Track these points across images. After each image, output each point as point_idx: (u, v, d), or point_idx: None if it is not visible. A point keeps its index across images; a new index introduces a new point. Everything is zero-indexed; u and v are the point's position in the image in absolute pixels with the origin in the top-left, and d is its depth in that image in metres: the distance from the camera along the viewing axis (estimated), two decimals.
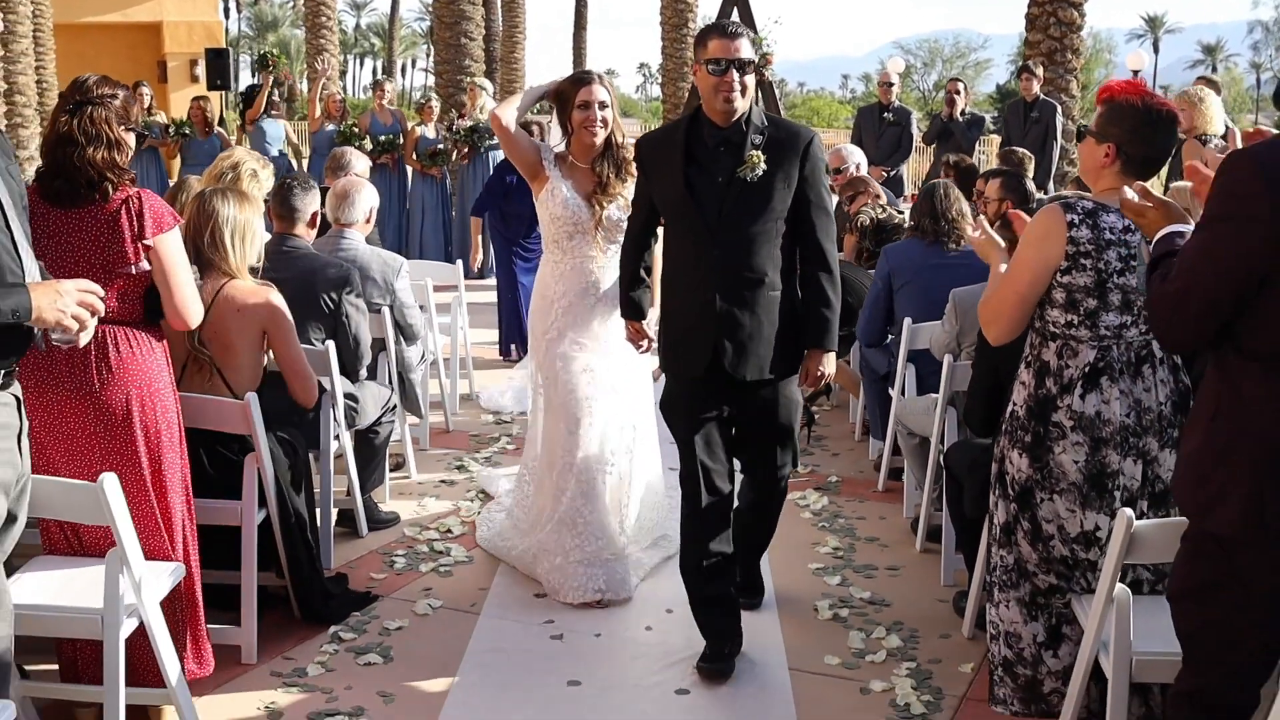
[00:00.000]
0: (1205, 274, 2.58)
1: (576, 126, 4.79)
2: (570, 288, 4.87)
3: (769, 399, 4.24)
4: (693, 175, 4.08)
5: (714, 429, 4.22)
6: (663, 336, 4.33)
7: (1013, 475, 3.44)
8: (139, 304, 3.76)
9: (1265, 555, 2.62)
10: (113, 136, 3.66)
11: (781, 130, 4.14)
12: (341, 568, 5.10)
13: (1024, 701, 3.54)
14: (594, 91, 4.75)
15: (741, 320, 4.07)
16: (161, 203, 3.76)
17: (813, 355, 4.23)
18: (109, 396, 3.68)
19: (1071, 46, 15.35)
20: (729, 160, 4.04)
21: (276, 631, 4.46)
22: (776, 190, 4.04)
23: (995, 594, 3.56)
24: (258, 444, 4.22)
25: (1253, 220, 2.48)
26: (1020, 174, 6.54)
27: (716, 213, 4.04)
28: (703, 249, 4.07)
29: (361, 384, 5.40)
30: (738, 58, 3.98)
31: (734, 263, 4.06)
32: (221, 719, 3.87)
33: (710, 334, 4.08)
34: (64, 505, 3.34)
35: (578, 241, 4.84)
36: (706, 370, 4.12)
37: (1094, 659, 3.25)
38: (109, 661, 3.34)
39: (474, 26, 17.71)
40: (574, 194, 4.80)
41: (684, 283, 4.18)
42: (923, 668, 4.27)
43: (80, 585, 3.52)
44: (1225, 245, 2.55)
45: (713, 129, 4.08)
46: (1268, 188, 2.46)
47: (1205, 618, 2.76)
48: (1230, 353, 2.63)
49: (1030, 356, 3.45)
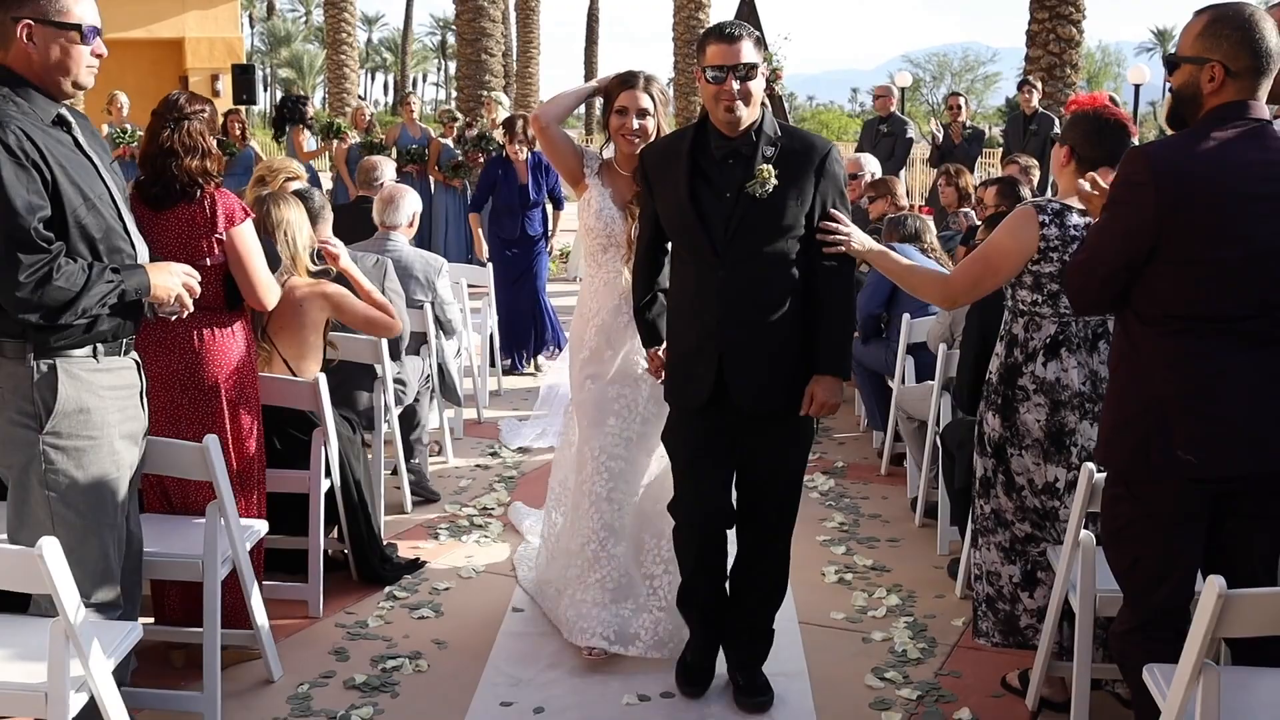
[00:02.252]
0: (1106, 248, 3.08)
1: (613, 132, 4.40)
2: (604, 304, 4.47)
3: (778, 436, 3.91)
4: (699, 189, 3.78)
5: (715, 467, 3.96)
6: (666, 362, 4.05)
7: (988, 434, 3.95)
8: (220, 292, 4.26)
9: (1159, 488, 3.09)
10: (206, 146, 4.17)
11: (796, 141, 3.82)
12: (390, 539, 5.60)
13: (1003, 634, 4.03)
14: (636, 98, 4.30)
15: (748, 348, 3.78)
16: (234, 199, 4.25)
17: (819, 380, 3.83)
18: (198, 373, 4.19)
19: (1070, 62, 15.92)
20: (738, 173, 3.75)
21: (337, 591, 4.97)
22: (789, 207, 3.73)
23: (978, 540, 4.07)
24: (325, 420, 4.73)
25: (1141, 205, 2.99)
26: (1015, 180, 7.03)
27: (723, 231, 3.74)
28: (707, 270, 3.77)
29: (401, 362, 5.91)
30: (738, 63, 3.68)
31: (741, 285, 3.75)
32: (296, 662, 4.36)
33: (714, 363, 3.79)
34: (171, 462, 3.85)
35: (611, 255, 4.45)
36: (710, 402, 3.84)
37: (1064, 598, 3.75)
38: (208, 601, 3.83)
39: (494, 43, 18.32)
40: (610, 204, 4.42)
41: (688, 306, 3.87)
42: (919, 621, 4.76)
43: (178, 536, 4.01)
44: (1121, 224, 3.05)
45: (720, 139, 3.78)
46: (1154, 179, 2.97)
47: (1133, 554, 3.22)
48: (1130, 316, 3.13)
49: (1003, 332, 3.95)
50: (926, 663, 4.42)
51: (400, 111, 14.98)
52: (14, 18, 3.18)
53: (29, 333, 3.20)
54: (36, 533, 3.15)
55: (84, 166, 3.31)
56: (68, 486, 3.29)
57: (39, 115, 3.24)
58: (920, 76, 73.08)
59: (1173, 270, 3.00)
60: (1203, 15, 3.08)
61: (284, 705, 4.05)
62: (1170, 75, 3.14)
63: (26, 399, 3.22)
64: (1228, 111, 3.03)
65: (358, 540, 5.04)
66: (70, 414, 3.26)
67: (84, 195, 3.26)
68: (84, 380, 3.29)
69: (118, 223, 3.40)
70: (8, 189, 3.06)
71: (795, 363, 3.82)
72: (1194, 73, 3.04)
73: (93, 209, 3.27)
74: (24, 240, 3.07)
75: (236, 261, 4.19)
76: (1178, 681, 2.84)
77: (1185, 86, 3.08)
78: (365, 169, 8.19)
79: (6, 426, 3.25)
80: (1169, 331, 3.04)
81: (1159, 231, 2.97)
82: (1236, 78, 3.01)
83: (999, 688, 4.18)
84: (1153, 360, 3.07)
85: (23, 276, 3.07)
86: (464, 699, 4.12)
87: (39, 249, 3.09)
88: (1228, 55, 3.00)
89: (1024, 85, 13.04)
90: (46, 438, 3.24)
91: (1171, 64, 3.12)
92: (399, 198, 6.31)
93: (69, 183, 3.21)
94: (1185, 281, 3.00)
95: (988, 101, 70.64)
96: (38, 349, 3.22)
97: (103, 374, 3.34)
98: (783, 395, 3.84)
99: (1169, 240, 2.98)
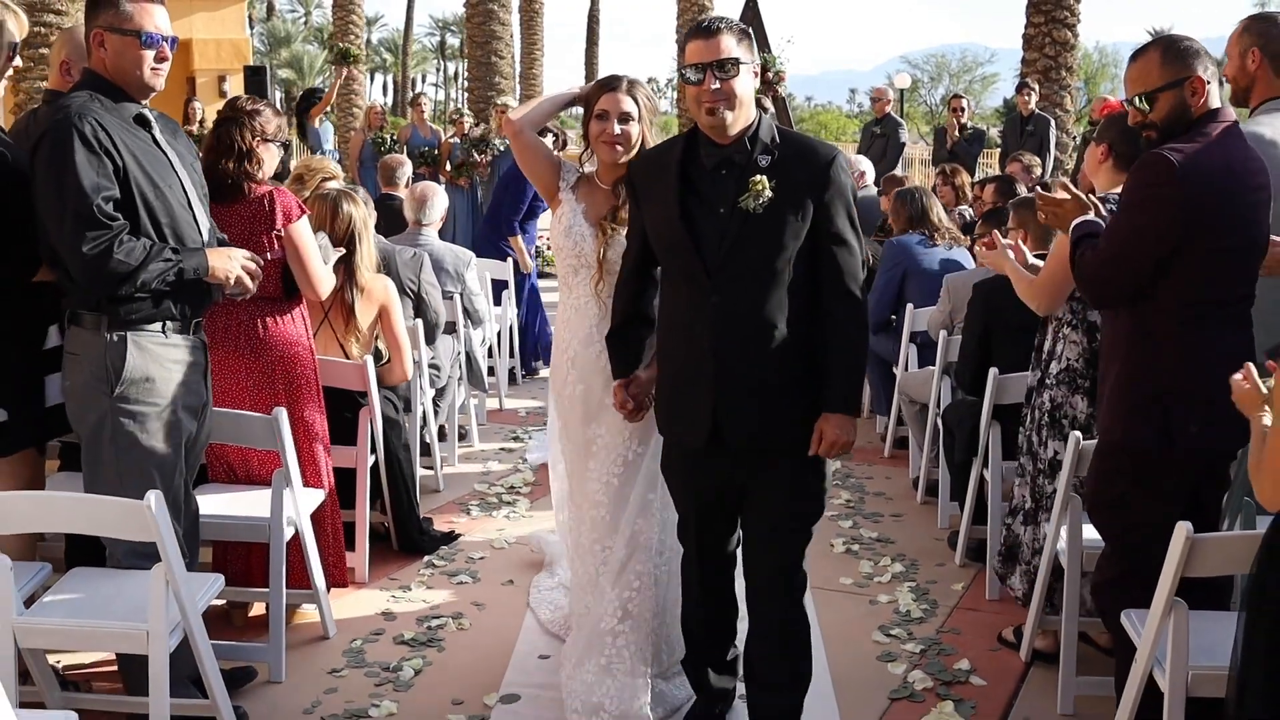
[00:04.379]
0: (1136, 247, 3.41)
1: (593, 139, 3.97)
2: (575, 334, 4.06)
3: (780, 478, 3.49)
4: (689, 204, 3.40)
5: (719, 511, 3.64)
6: (660, 396, 3.64)
7: (1074, 415, 4.30)
8: (278, 283, 4.63)
9: (1172, 463, 3.45)
10: (243, 148, 4.49)
11: (795, 148, 3.41)
12: (425, 514, 5.97)
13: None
14: (617, 101, 3.90)
15: (745, 380, 3.39)
16: (291, 197, 4.62)
17: (828, 418, 3.40)
18: (260, 356, 4.56)
19: (1066, 65, 16.30)
20: (731, 185, 3.36)
21: (380, 560, 5.35)
22: (788, 222, 3.33)
23: (1039, 516, 4.46)
24: (372, 399, 5.11)
25: (1169, 207, 3.32)
26: (1012, 179, 7.41)
27: (716, 249, 3.35)
28: (699, 293, 3.38)
29: (435, 347, 6.29)
30: (717, 58, 3.30)
31: (737, 310, 3.36)
32: (347, 621, 4.73)
33: (708, 397, 3.40)
34: (242, 433, 4.23)
35: (581, 278, 4.03)
36: (710, 440, 3.45)
37: (1054, 552, 4.13)
38: (274, 561, 4.20)
39: (504, 46, 18.71)
40: (581, 221, 3.98)
41: (679, 334, 3.48)
42: (921, 586, 5.14)
43: (243, 503, 4.38)
44: (1151, 224, 3.38)
45: (711, 148, 3.40)
46: (1179, 182, 3.31)
47: (1128, 521, 3.56)
48: (1147, 305, 3.48)
49: (1075, 320, 4.27)
50: (928, 621, 4.80)
51: (410, 113, 15.34)
52: (91, 29, 3.59)
53: (104, 305, 3.58)
54: (105, 489, 3.55)
55: (158, 159, 3.68)
56: (131, 447, 3.65)
57: (121, 113, 3.61)
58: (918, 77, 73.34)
59: (1191, 262, 3.36)
60: (1153, 50, 3.48)
61: (340, 658, 4.42)
62: (1148, 112, 3.45)
63: (99, 364, 3.60)
64: (1213, 116, 3.43)
65: (399, 512, 5.42)
66: (137, 381, 3.62)
67: (154, 184, 3.61)
68: (151, 352, 3.65)
69: (186, 211, 3.75)
70: (78, 170, 3.42)
71: (799, 396, 3.42)
72: (1176, 94, 3.42)
73: (160, 196, 3.63)
74: (89, 216, 3.41)
75: (294, 255, 4.55)
76: (1151, 617, 3.22)
77: (1173, 110, 3.43)
78: (389, 167, 8.58)
79: (83, 390, 3.63)
80: (1184, 317, 3.40)
81: (1184, 229, 3.32)
82: (1210, 83, 3.42)
83: (995, 642, 4.56)
84: (1166, 344, 3.40)
85: (86, 248, 3.41)
86: (505, 653, 4.49)
87: (101, 225, 3.43)
88: (1203, 67, 3.42)
89: (1022, 88, 13.43)
90: (115, 401, 3.61)
91: (1150, 100, 3.44)
92: (432, 196, 6.70)
93: (140, 171, 3.58)
94: (1200, 271, 3.37)
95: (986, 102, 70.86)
96: (111, 322, 3.60)
97: (170, 349, 3.70)
98: (785, 433, 3.43)
99: (1191, 236, 3.34)
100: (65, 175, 3.43)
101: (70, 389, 3.66)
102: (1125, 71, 3.63)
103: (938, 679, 4.26)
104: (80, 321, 3.61)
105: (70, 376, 3.65)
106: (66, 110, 3.50)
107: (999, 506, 4.94)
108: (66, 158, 3.43)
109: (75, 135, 3.45)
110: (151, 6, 3.62)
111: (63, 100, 3.61)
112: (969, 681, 4.26)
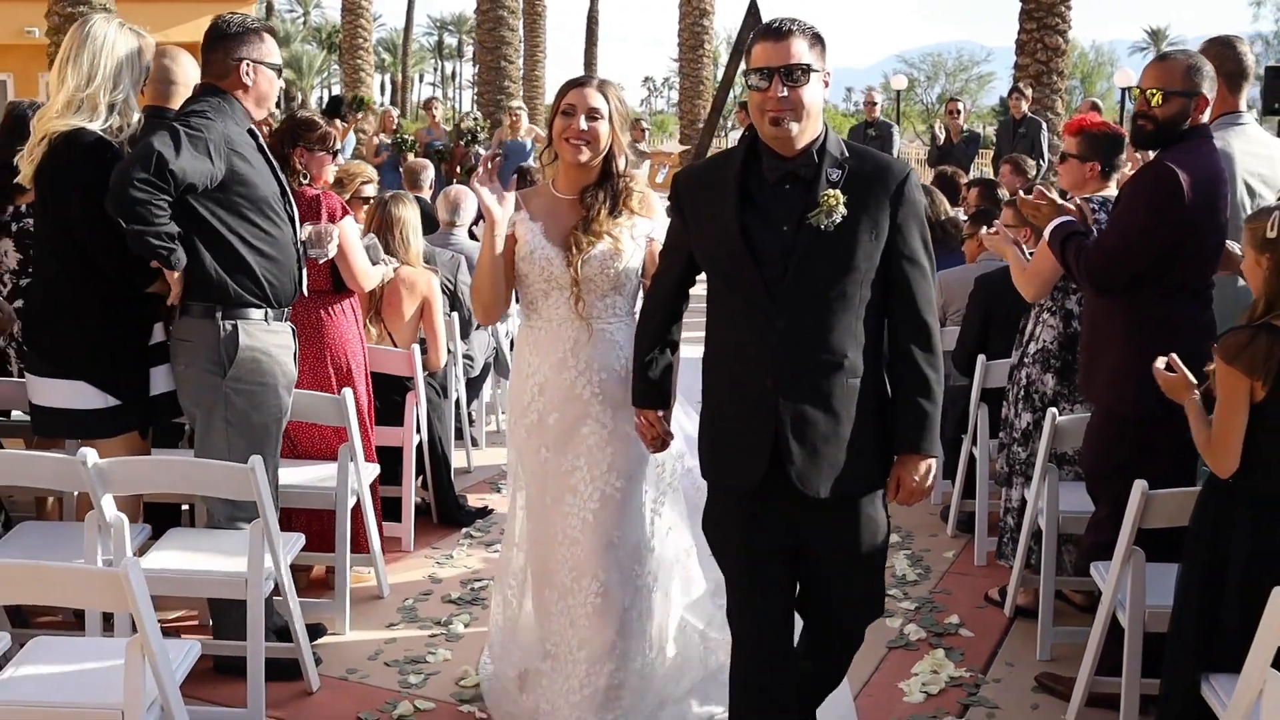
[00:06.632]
0: (1142, 243, 3.90)
1: (556, 137, 3.67)
2: (546, 358, 3.73)
3: (846, 524, 3.19)
4: (749, 220, 3.10)
5: (776, 564, 3.24)
6: (704, 436, 3.32)
7: (1044, 391, 4.85)
8: (328, 278, 5.14)
9: (1166, 429, 3.88)
10: (283, 154, 4.96)
11: (867, 162, 3.14)
12: (460, 492, 6.48)
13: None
14: (584, 95, 3.63)
15: (812, 416, 3.08)
16: (336, 199, 5.12)
17: (904, 462, 3.17)
18: (316, 344, 5.07)
19: (1057, 69, 16.87)
20: (796, 201, 3.07)
21: (422, 532, 5.86)
22: (860, 242, 3.05)
23: (1014, 480, 5.04)
24: (418, 384, 5.63)
25: (1174, 209, 3.84)
26: (995, 182, 7.93)
27: (780, 271, 3.05)
28: (761, 320, 3.08)
29: (470, 340, 6.81)
30: (786, 64, 3.02)
31: (803, 338, 3.07)
32: (398, 584, 5.25)
33: (769, 434, 3.09)
34: (313, 411, 4.75)
35: (555, 300, 3.70)
36: (763, 482, 3.12)
37: (1035, 519, 4.66)
38: (340, 526, 4.70)
39: (513, 51, 19.24)
40: (543, 242, 3.67)
41: (735, 365, 3.17)
42: (916, 553, 5.67)
43: (310, 474, 4.89)
44: (1156, 224, 3.87)
45: (774, 160, 3.10)
46: (1183, 189, 3.83)
47: (1127, 485, 3.90)
48: (1148, 291, 3.93)
49: (1054, 306, 4.80)
50: (922, 584, 5.32)
51: (423, 116, 15.89)
52: (236, 59, 4.10)
53: (215, 295, 4.07)
54: (216, 459, 4.05)
55: (259, 159, 4.19)
56: (242, 422, 4.16)
57: (240, 123, 4.13)
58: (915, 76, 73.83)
59: (1183, 256, 3.92)
60: (1183, 58, 4.04)
61: (395, 614, 4.94)
62: (1159, 105, 3.98)
63: (214, 351, 4.11)
64: (1203, 131, 4.02)
65: (440, 488, 5.95)
66: (247, 363, 4.14)
67: (251, 169, 4.10)
68: (257, 337, 4.17)
69: (275, 199, 4.23)
70: (180, 145, 3.85)
71: (870, 432, 3.13)
72: (1184, 103, 3.97)
73: (252, 182, 4.11)
74: (160, 168, 3.80)
75: (339, 252, 5.05)
76: (1114, 564, 3.75)
77: (1176, 114, 3.97)
78: (413, 171, 9.10)
79: (199, 374, 4.13)
80: (1174, 301, 3.95)
81: (1182, 230, 3.86)
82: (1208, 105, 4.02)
83: (982, 601, 5.09)
84: (1161, 322, 3.93)
85: (136, 179, 3.79)
86: None
87: (157, 183, 3.81)
88: (1210, 89, 4.00)
89: (1014, 92, 13.93)
90: (229, 383, 4.12)
91: (1164, 97, 3.96)
92: (463, 199, 7.22)
93: (243, 162, 4.07)
94: (1191, 262, 3.95)
95: (982, 101, 71.33)
96: (224, 310, 4.10)
97: (271, 334, 4.22)
98: (855, 475, 3.13)
99: (1186, 235, 3.89)
100: (168, 140, 3.85)
101: (184, 373, 4.17)
102: (1148, 65, 4.18)
103: (930, 631, 4.79)
104: (190, 311, 4.12)
105: (184, 361, 4.15)
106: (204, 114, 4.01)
107: (986, 482, 5.48)
108: (177, 135, 3.88)
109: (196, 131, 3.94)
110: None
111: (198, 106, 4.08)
112: (958, 633, 4.79)
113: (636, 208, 3.73)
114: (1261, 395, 3.17)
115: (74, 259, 4.17)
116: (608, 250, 3.65)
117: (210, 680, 4.15)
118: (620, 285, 3.71)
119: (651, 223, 3.75)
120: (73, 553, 3.84)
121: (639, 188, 3.78)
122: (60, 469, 3.82)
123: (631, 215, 3.72)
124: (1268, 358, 3.13)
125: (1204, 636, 3.27)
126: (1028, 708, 4.21)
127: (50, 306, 4.25)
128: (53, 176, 4.16)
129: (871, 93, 14.77)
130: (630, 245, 3.70)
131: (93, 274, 4.18)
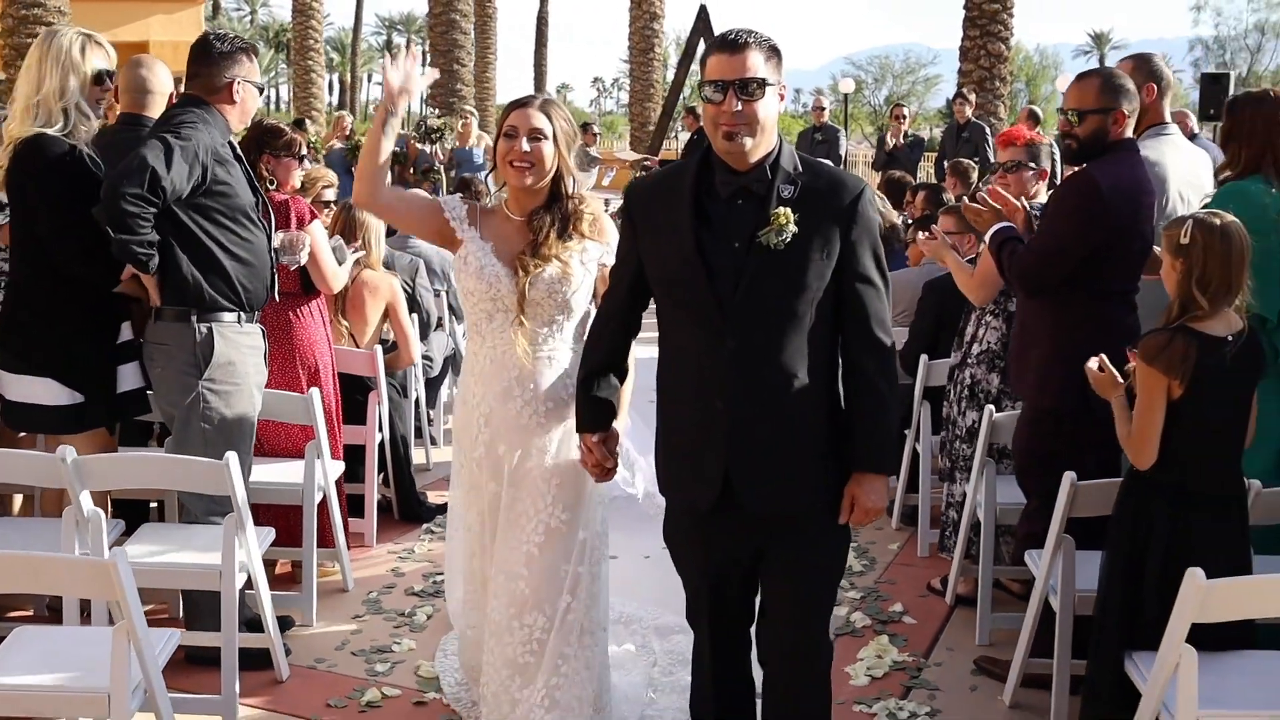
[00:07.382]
0: (1072, 247, 4.11)
1: (500, 160, 3.62)
2: (490, 388, 3.67)
3: (801, 543, 3.18)
4: (703, 236, 3.05)
5: (733, 581, 3.32)
6: (659, 454, 3.30)
7: (989, 390, 5.12)
8: (297, 281, 5.29)
9: (1093, 425, 4.08)
10: (251, 158, 5.08)
11: (821, 179, 3.09)
12: (420, 489, 6.63)
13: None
14: (527, 116, 3.57)
15: (761, 434, 3.07)
16: (304, 204, 5.27)
17: (858, 480, 3.14)
18: (285, 345, 5.22)
19: (1000, 75, 17.29)
20: (749, 217, 3.03)
21: (384, 527, 6.02)
22: (812, 261, 3.01)
23: (956, 476, 5.28)
24: (380, 384, 5.78)
25: (1098, 216, 4.07)
26: (940, 187, 8.18)
27: (731, 288, 3.02)
28: (712, 336, 3.05)
29: (429, 341, 6.97)
30: (741, 77, 2.97)
31: (753, 357, 3.04)
32: (362, 577, 5.41)
33: (719, 454, 3.08)
34: (280, 410, 4.89)
35: (499, 323, 3.65)
36: (718, 500, 3.12)
37: (974, 512, 4.89)
38: (307, 522, 4.84)
39: (465, 54, 19.36)
40: (493, 260, 3.61)
41: (686, 384, 3.16)
42: (861, 545, 5.89)
43: (277, 472, 5.03)
44: (1084, 229, 4.08)
45: (726, 174, 3.06)
46: (1107, 196, 4.06)
47: (1056, 477, 4.15)
48: (1076, 293, 4.15)
49: (997, 310, 5.07)
50: (868, 574, 5.55)
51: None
52: (229, 77, 4.27)
53: (190, 299, 4.22)
54: None
55: (238, 169, 4.35)
56: (218, 421, 4.31)
57: (222, 134, 4.28)
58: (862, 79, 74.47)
59: (1106, 260, 4.14)
60: (1095, 78, 4.27)
61: (360, 606, 5.10)
62: (1076, 125, 4.22)
63: (190, 354, 4.26)
64: (1128, 144, 4.24)
65: (401, 485, 6.11)
66: (222, 365, 4.29)
67: (228, 176, 4.25)
68: (231, 339, 4.32)
69: (253, 208, 4.39)
70: (172, 159, 4.01)
71: (821, 449, 3.13)
72: (1101, 119, 4.19)
73: (230, 187, 4.26)
74: (152, 183, 3.96)
75: (309, 257, 5.19)
76: (1046, 551, 3.98)
77: (1095, 130, 4.19)
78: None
79: (176, 376, 4.28)
80: (1098, 304, 4.17)
81: (1104, 235, 4.09)
82: (1129, 118, 4.23)
83: (925, 590, 5.32)
84: (1085, 325, 4.15)
85: (129, 193, 3.94)
86: None
87: (148, 197, 3.96)
88: (1128, 103, 4.20)
89: (957, 98, 14.29)
90: (204, 383, 4.27)
91: (1080, 117, 4.20)
92: None
93: (225, 171, 4.23)
94: (1115, 266, 4.17)
95: (929, 103, 72.14)
96: (199, 313, 4.25)
97: (244, 336, 4.37)
98: (805, 493, 3.14)
99: (1109, 241, 4.11)
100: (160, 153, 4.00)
101: (161, 375, 4.32)
102: (1068, 87, 4.42)
103: (875, 619, 5.01)
104: (164, 315, 4.26)
105: (161, 365, 4.31)
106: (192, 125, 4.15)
107: (929, 477, 5.72)
108: (169, 148, 4.02)
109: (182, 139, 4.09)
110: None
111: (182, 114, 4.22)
112: (902, 621, 5.02)
113: (587, 231, 3.67)
114: (1178, 394, 3.41)
115: (43, 265, 4.33)
116: (556, 274, 3.59)
117: (183, 670, 4.28)
118: (567, 310, 3.65)
119: (602, 247, 3.69)
120: (47, 547, 3.93)
121: (590, 210, 3.71)
122: (39, 465, 3.95)
123: (582, 239, 3.66)
124: (1184, 359, 3.37)
125: (1126, 618, 3.51)
126: (966, 689, 4.44)
127: (22, 308, 4.40)
128: (19, 187, 4.32)
129: (820, 98, 15.10)
130: (580, 270, 3.65)
131: (62, 281, 4.34)
